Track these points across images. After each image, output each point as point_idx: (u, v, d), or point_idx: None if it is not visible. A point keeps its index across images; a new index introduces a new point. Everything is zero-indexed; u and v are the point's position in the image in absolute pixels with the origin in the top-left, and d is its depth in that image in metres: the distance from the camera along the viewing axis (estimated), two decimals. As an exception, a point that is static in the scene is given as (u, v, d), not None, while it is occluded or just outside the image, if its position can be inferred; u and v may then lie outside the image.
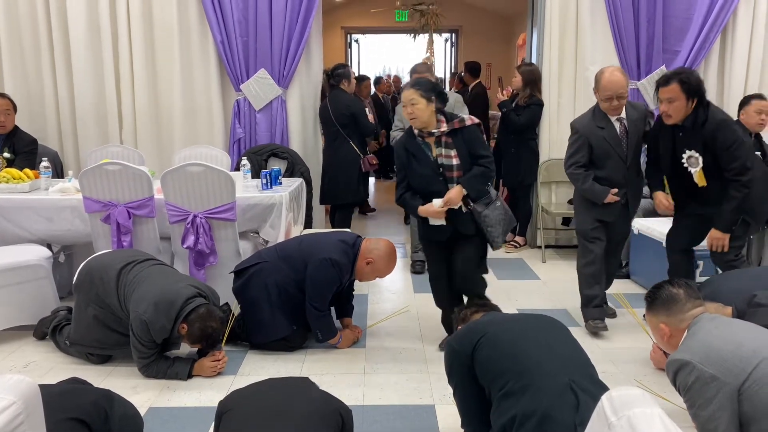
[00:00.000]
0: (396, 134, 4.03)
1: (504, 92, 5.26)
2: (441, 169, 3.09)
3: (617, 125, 3.42)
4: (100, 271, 3.11)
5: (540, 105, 5.04)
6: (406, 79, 10.48)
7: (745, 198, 3.17)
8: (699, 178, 3.23)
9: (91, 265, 3.17)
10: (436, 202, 3.07)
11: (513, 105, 5.09)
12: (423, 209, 3.12)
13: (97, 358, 3.18)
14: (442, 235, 3.17)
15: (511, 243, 5.40)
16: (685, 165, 3.25)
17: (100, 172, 3.64)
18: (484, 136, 3.33)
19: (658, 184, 3.55)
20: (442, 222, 3.13)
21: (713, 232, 3.27)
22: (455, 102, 4.45)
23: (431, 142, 3.11)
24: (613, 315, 3.75)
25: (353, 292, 3.63)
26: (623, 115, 3.42)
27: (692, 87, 3.11)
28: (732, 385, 1.84)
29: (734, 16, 4.83)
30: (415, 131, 3.13)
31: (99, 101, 5.03)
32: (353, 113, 4.99)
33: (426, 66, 5.70)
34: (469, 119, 3.10)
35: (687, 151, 3.23)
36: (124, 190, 3.66)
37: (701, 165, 3.19)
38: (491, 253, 5.13)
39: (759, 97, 3.96)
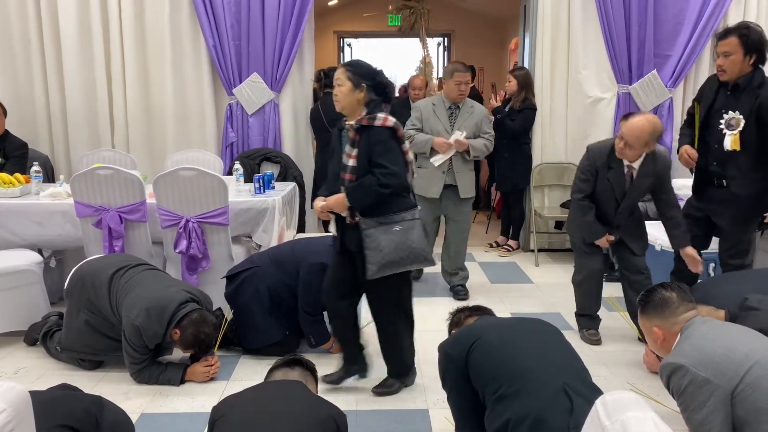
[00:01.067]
0: (408, 132, 4.02)
1: (497, 98, 5.24)
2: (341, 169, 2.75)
3: (626, 169, 3.21)
4: (91, 276, 3.09)
5: (534, 109, 5.05)
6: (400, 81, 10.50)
7: None
8: (734, 142, 3.06)
9: (82, 270, 3.15)
10: (317, 204, 2.79)
11: (507, 109, 5.08)
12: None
13: (88, 363, 3.16)
14: (336, 243, 2.87)
15: (504, 247, 5.40)
16: (722, 127, 3.11)
17: (91, 177, 3.62)
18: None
19: (687, 141, 3.40)
20: (332, 230, 2.86)
21: None
22: (483, 117, 4.22)
23: (349, 136, 2.75)
24: (597, 342, 3.52)
25: None
26: (635, 164, 3.18)
27: (751, 42, 3.01)
28: (725, 388, 1.85)
29: (725, 20, 4.86)
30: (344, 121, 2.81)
31: (90, 105, 5.00)
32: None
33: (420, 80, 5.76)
34: (383, 119, 2.67)
35: (730, 112, 3.09)
36: (116, 195, 3.64)
37: (740, 128, 3.05)
38: (484, 257, 5.22)
39: None
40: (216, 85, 5.06)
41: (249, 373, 3.14)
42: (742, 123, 3.06)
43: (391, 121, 2.69)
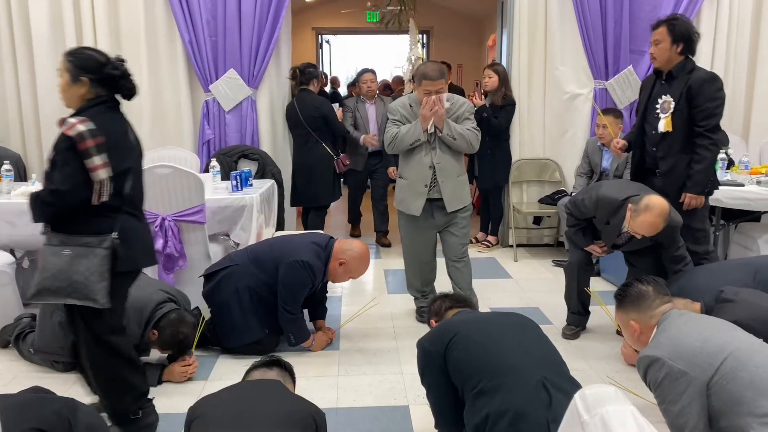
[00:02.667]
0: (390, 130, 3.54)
1: (480, 96, 5.20)
2: None
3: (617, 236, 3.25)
4: (65, 277, 3.02)
5: (514, 104, 5.07)
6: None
7: (713, 160, 3.24)
8: (666, 124, 3.25)
9: (55, 271, 3.09)
10: None
11: (489, 106, 5.08)
12: None
13: (62, 365, 3.10)
14: None
15: (484, 242, 5.42)
16: (658, 112, 3.29)
17: (64, 175, 3.55)
18: None
19: (630, 138, 3.62)
20: None
21: (690, 196, 3.24)
22: (465, 110, 3.61)
23: None
24: (569, 337, 3.53)
25: (327, 294, 3.61)
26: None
27: (678, 31, 3.19)
28: (701, 379, 1.87)
29: (698, 17, 4.91)
30: None
31: (62, 105, 4.88)
32: (324, 115, 4.93)
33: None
34: (69, 125, 2.24)
35: (663, 96, 3.27)
36: (90, 193, 3.57)
37: (671, 111, 3.23)
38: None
39: None
40: (192, 81, 4.99)
41: (227, 372, 3.11)
42: (673, 105, 3.24)
43: (78, 129, 2.19)
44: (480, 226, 5.61)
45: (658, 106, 3.32)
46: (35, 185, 3.88)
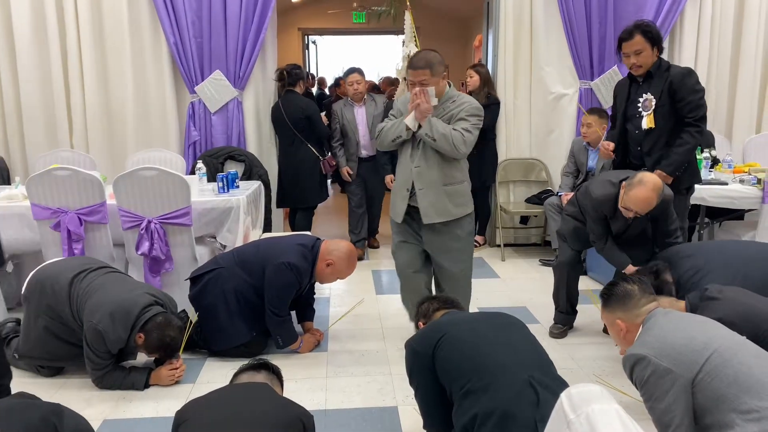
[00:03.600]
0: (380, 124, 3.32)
1: None
2: None
3: (624, 220, 3.20)
4: (51, 281, 3.00)
5: (498, 104, 5.09)
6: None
7: (694, 146, 3.31)
8: (649, 121, 3.32)
9: (41, 275, 3.06)
10: None
11: None
12: None
13: (48, 370, 3.07)
14: None
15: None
16: (639, 109, 3.36)
17: (48, 178, 3.53)
18: None
19: (611, 139, 3.62)
20: None
21: (658, 172, 3.24)
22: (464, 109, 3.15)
23: None
24: (556, 336, 3.53)
25: (314, 296, 3.60)
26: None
27: (654, 35, 3.29)
28: (686, 377, 1.88)
29: (681, 17, 4.97)
30: None
31: (47, 104, 4.87)
32: (308, 116, 4.90)
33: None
34: None
35: (644, 95, 3.34)
36: (75, 196, 3.55)
37: (654, 108, 3.30)
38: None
39: None
40: (177, 82, 4.97)
41: (215, 375, 3.09)
42: (654, 102, 3.32)
43: None
44: None
45: (639, 105, 3.38)
46: (19, 188, 3.85)
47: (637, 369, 1.97)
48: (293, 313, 3.44)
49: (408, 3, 4.28)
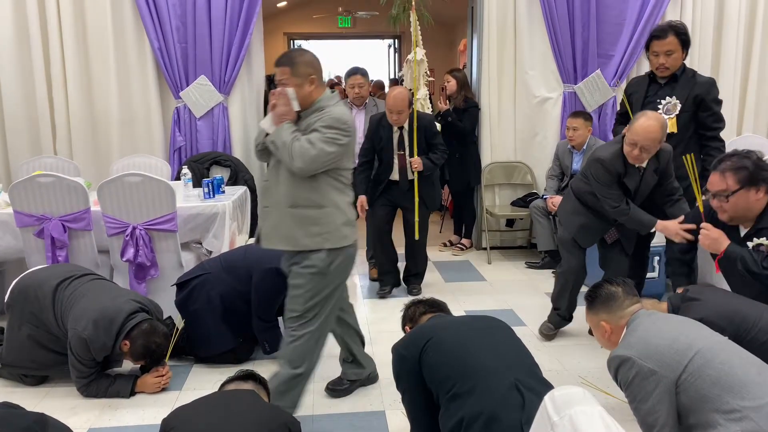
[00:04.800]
0: None
1: (444, 101, 5.20)
2: None
3: (639, 172, 3.12)
4: (34, 288, 2.97)
5: (477, 107, 5.13)
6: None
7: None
8: (672, 124, 3.27)
9: (24, 282, 3.04)
10: None
11: (452, 110, 5.10)
12: None
13: (32, 379, 3.04)
14: None
15: (458, 246, 5.46)
16: (660, 111, 3.29)
17: (32, 185, 3.50)
18: None
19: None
20: None
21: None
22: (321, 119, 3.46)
23: None
24: (546, 337, 3.56)
25: None
26: (644, 164, 3.09)
27: (687, 38, 3.25)
28: (670, 378, 1.90)
29: (663, 20, 5.01)
30: None
31: (30, 110, 4.82)
32: None
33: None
34: None
35: (667, 98, 3.28)
36: (59, 203, 3.52)
37: (677, 113, 3.26)
38: (438, 256, 5.26)
39: None
40: (162, 88, 4.94)
41: (201, 382, 3.08)
42: (679, 107, 3.28)
43: None
44: (454, 229, 5.65)
45: (660, 107, 3.32)
46: (1, 195, 3.81)
47: (622, 370, 1.99)
48: (280, 318, 3.43)
49: (413, 4, 4.36)
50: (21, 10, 4.68)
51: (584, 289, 4.12)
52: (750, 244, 2.56)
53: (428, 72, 4.93)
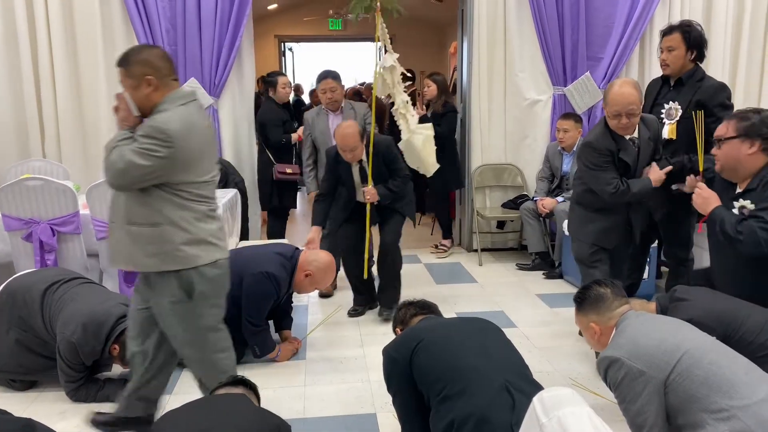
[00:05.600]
0: None
1: (421, 107, 5.11)
2: None
3: (633, 144, 3.04)
4: (22, 292, 2.95)
5: (455, 111, 5.11)
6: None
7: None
8: (671, 131, 3.24)
9: (12, 287, 3.01)
10: None
11: (429, 115, 5.02)
12: None
13: (20, 384, 3.02)
14: None
15: (440, 247, 5.40)
16: (662, 117, 3.27)
17: (20, 188, 3.48)
18: None
19: None
20: None
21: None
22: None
23: None
24: None
25: (292, 304, 3.59)
26: (636, 134, 3.02)
27: (693, 38, 3.21)
28: (658, 378, 1.92)
29: (651, 25, 5.05)
30: None
31: (18, 113, 4.79)
32: (261, 122, 5.01)
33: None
34: None
35: (670, 102, 3.25)
36: (47, 207, 3.50)
37: (677, 118, 3.22)
38: (429, 258, 5.26)
39: None
40: (152, 91, 4.92)
41: (191, 386, 3.02)
42: (680, 113, 3.23)
43: None
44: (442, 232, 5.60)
45: (663, 111, 3.29)
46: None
47: (611, 371, 2.00)
48: (271, 322, 3.43)
49: (378, 7, 4.02)
50: (9, 12, 4.65)
51: (573, 288, 4.16)
52: (737, 204, 2.51)
53: (405, 73, 4.45)
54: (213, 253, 2.28)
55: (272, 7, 10.06)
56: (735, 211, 2.50)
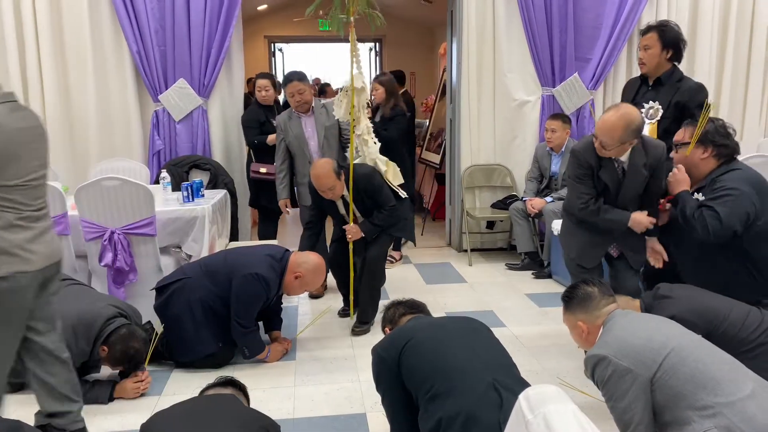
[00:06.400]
0: None
1: (369, 111, 4.63)
2: None
3: (616, 164, 2.91)
4: (9, 294, 2.93)
5: (404, 115, 4.95)
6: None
7: None
8: (651, 131, 3.24)
9: (-1, 288, 2.99)
10: None
11: (378, 119, 4.83)
12: None
13: (8, 386, 2.99)
14: None
15: (389, 259, 5.04)
16: (643, 115, 3.20)
17: (7, 190, 3.44)
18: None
19: None
20: None
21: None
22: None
23: None
24: None
25: (282, 305, 3.59)
26: (624, 158, 2.88)
27: (668, 37, 3.26)
28: (645, 376, 1.94)
29: (638, 26, 5.08)
30: None
31: (5, 114, 4.75)
32: (241, 122, 4.94)
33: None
34: None
35: (651, 102, 3.26)
36: (35, 208, 3.47)
37: (658, 118, 3.24)
38: (419, 258, 5.28)
39: None
40: (141, 91, 4.91)
41: (181, 387, 3.06)
42: (660, 113, 3.26)
43: None
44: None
45: (642, 111, 3.27)
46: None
47: (598, 369, 2.02)
48: (261, 323, 3.42)
49: (352, 22, 3.62)
50: (-4, 14, 4.62)
51: (561, 288, 4.18)
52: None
53: (370, 103, 4.28)
54: (10, 266, 2.11)
55: (262, 7, 10.03)
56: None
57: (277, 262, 3.24)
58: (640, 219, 2.91)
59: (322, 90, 9.57)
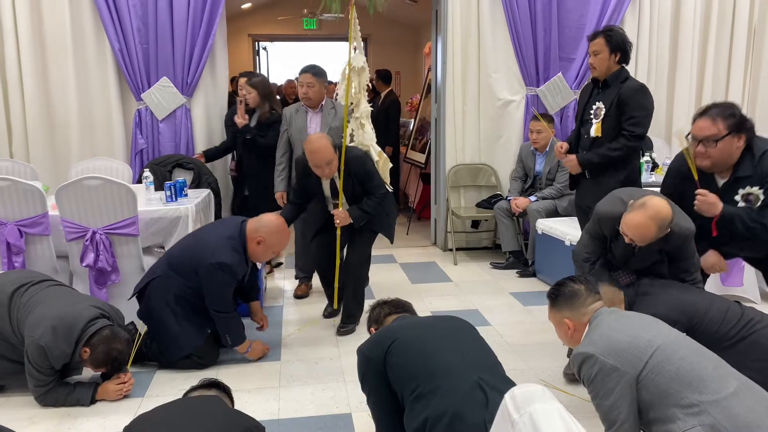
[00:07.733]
0: None
1: (241, 115, 4.42)
2: None
3: (626, 243, 2.70)
4: (-12, 295, 2.88)
5: (279, 121, 4.34)
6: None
7: (625, 155, 3.34)
8: (596, 129, 3.40)
9: (-22, 290, 2.94)
10: None
11: (254, 125, 4.46)
12: None
13: (-19, 388, 2.95)
14: None
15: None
16: (591, 117, 3.44)
17: (-15, 189, 3.39)
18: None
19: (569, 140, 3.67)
20: None
21: (569, 157, 3.46)
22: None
23: None
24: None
25: (259, 273, 3.55)
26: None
27: (615, 41, 3.36)
28: (631, 374, 1.94)
29: (622, 26, 5.13)
30: None
31: (-16, 113, 4.68)
32: (224, 121, 4.90)
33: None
34: None
35: (598, 103, 3.42)
36: (14, 208, 3.43)
37: (602, 117, 3.38)
38: (405, 258, 5.28)
39: None
40: (123, 89, 4.85)
41: (164, 388, 3.02)
42: (603, 111, 3.40)
43: None
44: None
45: (592, 111, 3.46)
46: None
47: (585, 367, 2.02)
48: (245, 316, 3.39)
49: (352, 1, 3.58)
50: (-27, 10, 4.55)
51: (546, 287, 4.20)
52: (741, 192, 2.68)
53: (369, 84, 4.15)
54: None
55: (246, 6, 9.98)
56: (738, 199, 2.69)
57: (236, 239, 3.13)
58: (715, 261, 2.85)
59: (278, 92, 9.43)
